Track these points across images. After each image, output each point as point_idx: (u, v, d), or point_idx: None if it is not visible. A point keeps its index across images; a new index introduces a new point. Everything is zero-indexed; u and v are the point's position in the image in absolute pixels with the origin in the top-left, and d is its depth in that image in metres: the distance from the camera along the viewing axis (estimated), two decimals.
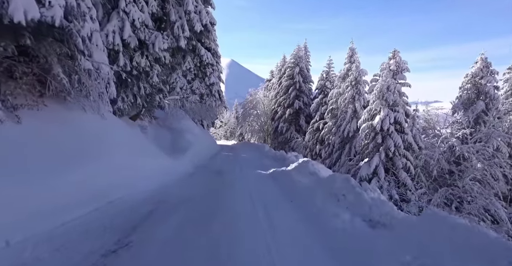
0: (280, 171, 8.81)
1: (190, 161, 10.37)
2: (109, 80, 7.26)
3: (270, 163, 12.15)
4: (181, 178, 7.20)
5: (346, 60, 19.13)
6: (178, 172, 7.82)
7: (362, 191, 4.18)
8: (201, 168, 9.80)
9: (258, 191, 6.17)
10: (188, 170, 8.74)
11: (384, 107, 13.76)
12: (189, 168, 9.09)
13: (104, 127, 5.37)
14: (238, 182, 7.34)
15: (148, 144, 8.10)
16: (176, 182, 6.61)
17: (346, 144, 17.59)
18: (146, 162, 6.51)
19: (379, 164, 13.66)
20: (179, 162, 9.14)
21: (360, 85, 17.11)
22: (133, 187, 5.05)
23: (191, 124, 16.51)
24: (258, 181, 7.65)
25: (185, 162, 9.64)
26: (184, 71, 18.94)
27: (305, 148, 26.80)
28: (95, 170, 4.51)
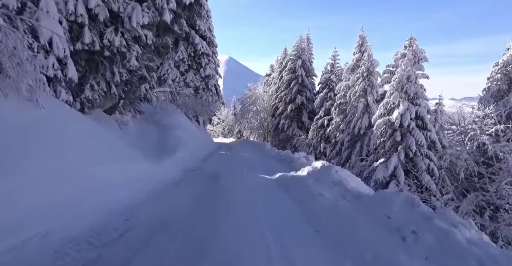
0: (289, 177, 7.07)
1: (180, 162, 8.62)
2: (66, 59, 5.46)
3: (275, 165, 10.41)
4: (163, 188, 5.44)
5: (356, 50, 17.37)
6: (161, 179, 6.06)
7: (449, 227, 2.47)
8: (192, 172, 8.03)
9: (266, 210, 4.42)
10: (175, 175, 6.98)
11: (403, 101, 12.03)
12: (177, 173, 7.32)
13: (36, 121, 3.62)
14: (238, 194, 5.59)
15: (122, 143, 6.32)
16: (154, 195, 4.85)
17: (357, 142, 15.87)
18: (114, 168, 4.74)
19: (397, 165, 11.96)
20: (164, 165, 7.37)
21: (372, 77, 15.36)
22: (78, 209, 3.30)
23: (184, 121, 14.74)
24: (264, 191, 5.90)
25: (172, 164, 7.88)
26: (177, 61, 17.11)
27: (308, 146, 25.09)
28: (5, 186, 2.76)
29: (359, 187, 5.06)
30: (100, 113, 7.82)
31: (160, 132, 10.98)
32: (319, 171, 5.87)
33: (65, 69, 5.52)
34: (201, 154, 12.64)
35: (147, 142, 9.30)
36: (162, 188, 5.37)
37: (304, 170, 7.55)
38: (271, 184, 6.82)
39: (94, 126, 5.53)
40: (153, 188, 5.12)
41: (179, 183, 6.12)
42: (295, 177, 6.89)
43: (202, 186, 6.07)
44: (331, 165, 5.74)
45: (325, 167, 5.96)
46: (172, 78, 16.86)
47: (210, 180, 6.88)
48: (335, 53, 24.02)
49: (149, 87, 11.37)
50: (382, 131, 12.83)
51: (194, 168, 8.80)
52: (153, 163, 6.87)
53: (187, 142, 11.60)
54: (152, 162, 6.90)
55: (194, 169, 8.70)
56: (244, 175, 8.00)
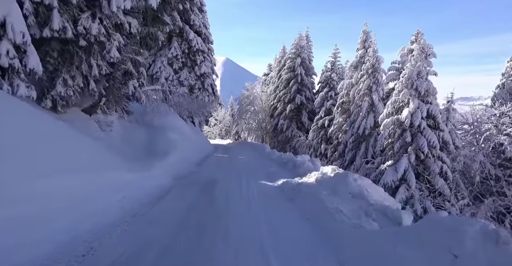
0: (295, 185, 6.13)
1: (171, 168, 7.66)
2: (25, 46, 4.50)
3: (276, 170, 9.48)
4: (143, 204, 4.46)
5: (359, 46, 16.49)
6: (145, 190, 5.10)
7: None
8: (184, 179, 7.08)
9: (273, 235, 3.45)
10: (163, 184, 6.02)
11: (413, 98, 11.15)
12: (166, 181, 6.37)
13: None
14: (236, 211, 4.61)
15: (98, 148, 5.34)
16: (130, 214, 3.88)
17: (361, 143, 14.98)
18: (75, 180, 3.76)
19: (408, 168, 11.06)
20: (152, 172, 6.40)
21: (378, 74, 14.49)
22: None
23: (178, 122, 13.77)
24: (266, 204, 4.96)
25: (161, 171, 6.91)
26: (170, 58, 16.14)
27: (309, 147, 24.20)
28: None
29: (383, 200, 4.14)
30: (77, 113, 6.85)
31: (150, 134, 10.02)
32: (333, 179, 4.93)
33: (25, 58, 4.55)
34: (196, 157, 11.69)
35: (133, 146, 8.33)
36: (141, 204, 4.39)
37: (311, 176, 6.63)
38: (275, 194, 5.88)
39: (61, 129, 4.56)
40: (131, 205, 4.15)
41: (165, 195, 5.15)
42: (302, 184, 5.96)
43: (193, 199, 5.10)
44: (347, 172, 4.82)
45: (339, 174, 5.03)
46: (165, 76, 15.90)
47: (203, 190, 5.91)
48: (336, 51, 23.18)
49: (138, 85, 10.47)
50: (390, 131, 11.95)
51: (187, 174, 7.84)
52: (138, 169, 5.89)
53: (180, 145, 10.64)
54: (137, 168, 5.93)
55: (187, 175, 7.74)
56: (243, 183, 7.05)
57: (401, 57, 14.89)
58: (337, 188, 4.41)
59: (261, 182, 7.49)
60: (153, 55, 16.46)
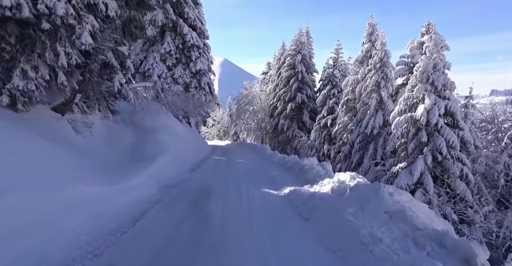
0: (306, 196, 5.08)
1: (159, 175, 6.61)
2: None
3: (280, 174, 8.43)
4: (109, 233, 3.34)
5: (365, 40, 15.46)
6: (114, 211, 4.01)
7: None
8: (173, 188, 6.01)
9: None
10: (146, 196, 4.96)
11: (429, 94, 10.12)
12: (151, 191, 5.30)
13: None
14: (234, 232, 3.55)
15: (56, 155, 4.26)
16: (91, 244, 2.82)
17: (370, 144, 13.94)
18: (10, 203, 2.67)
19: (424, 170, 10.03)
20: (135, 180, 5.34)
21: (386, 68, 13.45)
22: None
23: (171, 122, 12.68)
24: (272, 224, 3.90)
25: (147, 178, 5.85)
26: (163, 54, 15.04)
27: (311, 147, 23.17)
28: None
29: (431, 221, 3.09)
30: (46, 112, 5.76)
31: (138, 136, 8.94)
32: (359, 192, 3.87)
33: None
34: (191, 161, 10.62)
35: (117, 149, 7.25)
36: (108, 231, 3.29)
37: (323, 184, 5.58)
38: (282, 208, 4.80)
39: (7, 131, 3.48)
40: (91, 234, 3.06)
41: (145, 213, 4.07)
42: (315, 196, 4.90)
43: (180, 218, 4.02)
44: (378, 183, 3.76)
45: (369, 186, 3.96)
46: (157, 73, 14.82)
47: (195, 204, 4.84)
48: (338, 47, 22.15)
49: (126, 82, 9.42)
50: (403, 130, 10.91)
51: (178, 182, 6.76)
52: (115, 180, 4.82)
53: (172, 147, 9.60)
54: (114, 178, 4.86)
55: (178, 183, 6.66)
56: (243, 192, 5.99)
57: (410, 50, 13.87)
58: (367, 204, 3.36)
59: (264, 190, 6.44)
60: (145, 51, 15.40)
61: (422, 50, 13.48)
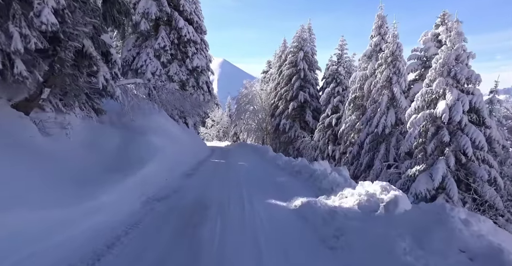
0: (326, 212, 4.03)
1: (146, 184, 5.58)
2: None
3: (286, 179, 7.40)
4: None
5: (373, 33, 14.43)
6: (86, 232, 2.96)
7: None
8: (162, 201, 4.96)
9: None
10: (125, 214, 3.92)
11: (451, 88, 9.08)
12: (130, 210, 4.26)
13: None
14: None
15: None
16: None
17: (381, 144, 12.90)
18: None
19: (447, 173, 8.99)
20: (114, 193, 4.29)
21: (399, 63, 12.41)
22: None
23: (165, 122, 11.63)
24: (288, 258, 2.84)
25: (131, 189, 4.81)
26: (157, 50, 13.98)
27: (314, 148, 22.17)
28: None
29: None
30: (3, 110, 4.70)
31: (125, 139, 7.87)
32: (411, 215, 2.82)
33: None
34: (187, 164, 9.59)
35: (98, 155, 6.20)
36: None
37: (344, 196, 4.54)
38: (297, 229, 3.75)
39: None
40: None
41: (115, 243, 3.02)
42: (337, 212, 3.84)
43: (164, 249, 2.97)
44: (442, 203, 2.73)
45: (425, 208, 2.90)
46: (151, 70, 13.77)
47: (185, 226, 3.78)
48: (343, 42, 21.14)
49: (112, 77, 8.43)
50: (421, 129, 9.87)
51: (168, 193, 5.72)
52: (85, 194, 3.77)
53: (165, 151, 8.57)
54: (84, 192, 3.81)
55: (167, 194, 5.61)
56: (246, 207, 4.93)
57: (424, 43, 12.85)
58: (428, 237, 2.33)
59: (270, 201, 5.40)
60: (138, 46, 14.34)
61: (437, 42, 12.47)
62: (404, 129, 12.09)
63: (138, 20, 13.57)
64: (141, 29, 13.69)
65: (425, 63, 13.06)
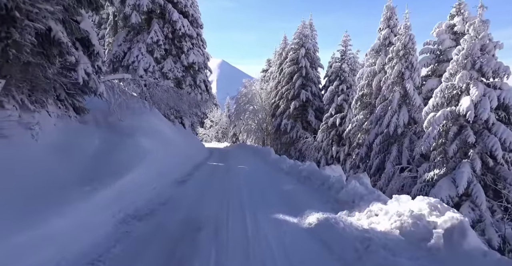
0: (354, 238, 3.02)
1: (125, 197, 4.58)
2: None
3: (293, 188, 6.41)
4: None
5: (382, 25, 13.47)
6: None
7: None
8: (140, 223, 3.96)
9: None
10: (82, 245, 2.91)
11: (476, 82, 8.12)
12: (96, 236, 3.25)
13: None
14: None
15: None
16: None
17: (392, 145, 11.92)
18: None
19: (472, 179, 8.02)
20: (71, 218, 3.28)
21: (411, 56, 11.43)
22: None
23: (158, 122, 10.63)
24: None
25: (97, 209, 3.80)
26: (150, 44, 12.97)
27: (318, 149, 21.19)
28: None
29: None
30: None
31: (108, 141, 6.86)
32: None
33: None
34: (180, 169, 8.58)
35: (69, 160, 5.19)
36: None
37: (372, 213, 3.58)
38: None
39: None
40: None
41: None
42: (372, 240, 2.85)
43: None
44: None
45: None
46: (144, 66, 12.78)
47: (168, 262, 2.77)
48: (346, 38, 20.19)
49: (96, 72, 7.51)
50: (440, 129, 8.89)
51: (153, 207, 4.71)
52: (37, 217, 2.77)
53: (156, 154, 7.60)
54: (36, 215, 2.81)
55: (152, 209, 4.61)
56: (249, 227, 3.95)
57: (437, 36, 11.90)
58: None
59: (278, 217, 4.43)
60: (129, 41, 13.33)
61: (452, 34, 11.51)
62: (418, 129, 11.13)
63: (129, 13, 12.60)
64: (132, 22, 12.74)
65: (438, 57, 12.11)
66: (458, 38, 11.44)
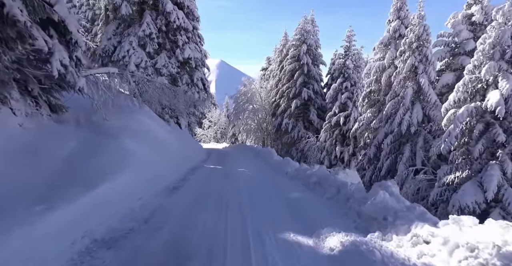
0: None
1: (96, 214, 3.66)
2: None
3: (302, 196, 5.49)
4: None
5: (391, 17, 12.56)
6: None
7: None
8: (109, 251, 3.01)
9: None
10: None
11: (506, 75, 7.21)
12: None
13: None
14: None
15: None
16: None
17: (404, 145, 10.99)
18: None
19: (503, 183, 7.10)
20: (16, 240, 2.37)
21: (426, 49, 10.50)
22: None
23: (149, 122, 9.69)
24: None
25: (46, 236, 2.85)
26: (142, 38, 11.99)
27: (321, 150, 20.28)
28: None
29: None
30: None
31: (85, 144, 5.92)
32: None
33: None
34: (173, 175, 7.63)
35: (31, 168, 4.26)
36: None
37: (419, 239, 2.65)
38: None
39: None
40: None
41: None
42: None
43: None
44: None
45: None
46: (135, 62, 11.81)
47: None
48: (351, 33, 19.27)
49: (76, 65, 6.62)
50: (463, 127, 7.98)
51: (133, 225, 3.77)
52: None
53: (143, 158, 6.72)
54: None
55: (131, 228, 3.68)
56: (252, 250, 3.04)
57: (453, 27, 11.00)
58: None
59: (288, 237, 3.54)
60: (119, 34, 12.36)
61: (469, 25, 10.60)
62: (434, 128, 10.22)
63: (118, 3, 11.66)
64: (122, 14, 11.79)
65: (453, 50, 11.22)
66: (476, 29, 10.56)
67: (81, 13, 21.84)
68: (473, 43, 10.47)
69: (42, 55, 5.59)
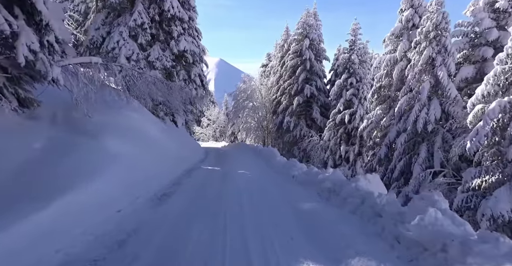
0: None
1: (48, 237, 2.68)
2: None
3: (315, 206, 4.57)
4: None
5: (404, 6, 11.58)
6: None
7: None
8: None
9: None
10: None
11: None
12: None
13: None
14: None
15: None
16: None
17: (420, 145, 10.05)
18: None
19: None
20: None
21: (445, 39, 9.52)
22: None
23: (138, 118, 8.73)
24: None
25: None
26: (133, 28, 10.97)
27: (324, 149, 19.33)
28: None
29: None
30: None
31: (57, 144, 4.97)
32: None
33: None
34: (164, 178, 6.69)
35: None
36: None
37: None
38: None
39: None
40: None
41: None
42: None
43: None
44: None
45: None
46: (126, 54, 10.77)
47: None
48: (356, 27, 18.31)
49: (49, 53, 5.72)
50: (494, 124, 7.03)
51: (99, 255, 2.81)
52: None
53: (128, 160, 5.80)
54: None
55: (98, 257, 2.72)
56: None
57: (473, 15, 10.05)
58: None
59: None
60: (108, 24, 11.33)
61: (492, 12, 9.64)
62: (455, 125, 9.28)
63: None
64: (111, 1, 10.80)
65: (473, 41, 10.26)
66: (500, 16, 9.61)
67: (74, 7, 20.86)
68: (496, 32, 9.53)
69: (8, 40, 4.68)
